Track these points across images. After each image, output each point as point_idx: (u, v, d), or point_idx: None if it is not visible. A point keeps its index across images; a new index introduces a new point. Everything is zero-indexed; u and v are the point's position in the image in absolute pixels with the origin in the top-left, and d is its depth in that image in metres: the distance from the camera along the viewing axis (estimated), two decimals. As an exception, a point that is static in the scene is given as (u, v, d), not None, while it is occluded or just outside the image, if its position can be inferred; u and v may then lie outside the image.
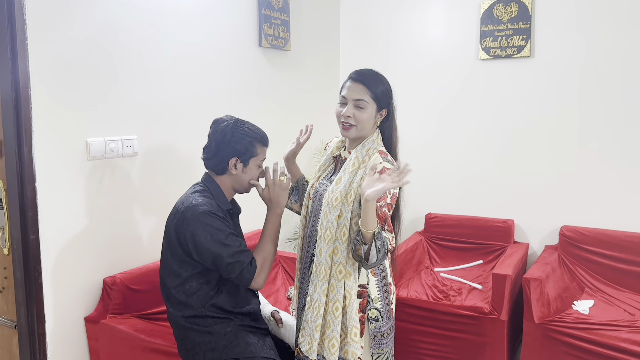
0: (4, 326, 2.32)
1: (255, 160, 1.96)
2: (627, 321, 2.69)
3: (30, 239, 2.12)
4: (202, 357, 1.89)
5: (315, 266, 1.87)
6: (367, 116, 1.85)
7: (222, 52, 2.96)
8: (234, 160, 1.93)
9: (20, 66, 2.03)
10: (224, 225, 1.85)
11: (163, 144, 2.64)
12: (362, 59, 3.99)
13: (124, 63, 2.41)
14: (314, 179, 2.02)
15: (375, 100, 1.86)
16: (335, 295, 1.82)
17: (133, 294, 2.38)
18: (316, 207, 1.94)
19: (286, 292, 3.08)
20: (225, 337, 1.89)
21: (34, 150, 2.10)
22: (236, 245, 1.85)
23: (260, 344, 1.94)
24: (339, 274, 1.82)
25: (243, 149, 1.92)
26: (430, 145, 3.82)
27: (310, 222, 1.96)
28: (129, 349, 2.22)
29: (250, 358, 1.87)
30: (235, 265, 1.83)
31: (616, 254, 3.13)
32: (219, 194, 1.95)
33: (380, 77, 1.90)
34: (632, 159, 3.22)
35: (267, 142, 2.00)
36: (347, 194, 1.82)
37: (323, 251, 1.83)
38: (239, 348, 1.88)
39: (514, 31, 3.46)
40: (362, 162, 1.86)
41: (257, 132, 1.97)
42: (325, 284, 1.83)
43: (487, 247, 3.54)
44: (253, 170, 1.98)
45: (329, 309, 1.83)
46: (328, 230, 1.83)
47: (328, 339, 1.84)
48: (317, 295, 1.84)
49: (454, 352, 2.95)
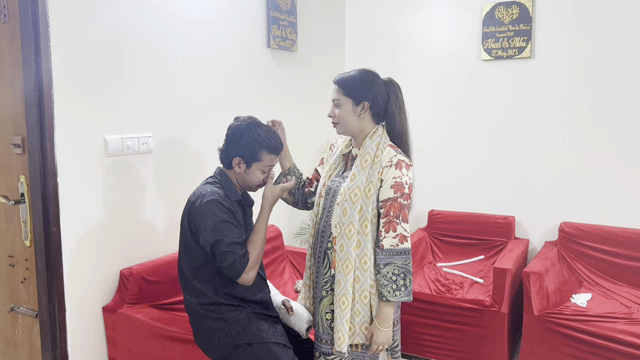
0: (26, 315, 2.41)
1: (258, 165, 2.02)
2: (624, 313, 2.78)
3: (52, 232, 2.22)
4: (216, 343, 1.98)
5: (337, 262, 1.93)
6: (343, 111, 1.99)
7: (232, 52, 3.05)
8: (238, 160, 2.01)
9: (43, 66, 2.12)
10: (226, 215, 1.92)
11: (176, 142, 2.74)
12: (367, 60, 4.09)
13: (139, 63, 2.51)
14: (324, 177, 2.10)
15: (348, 95, 1.98)
16: (362, 285, 1.92)
17: (148, 285, 2.48)
18: (329, 204, 2.01)
19: (294, 285, 3.17)
20: (239, 324, 1.98)
21: (56, 146, 2.19)
22: (234, 236, 1.91)
23: (271, 330, 2.02)
24: (364, 265, 1.92)
25: (248, 152, 2.00)
26: (432, 144, 3.91)
27: (322, 219, 2.03)
28: (145, 337, 2.31)
29: (262, 343, 1.95)
30: (228, 254, 1.89)
31: (614, 250, 3.23)
32: (229, 185, 2.04)
33: (358, 76, 2.00)
34: (630, 158, 3.31)
35: (276, 150, 2.03)
36: (365, 188, 1.92)
37: (345, 246, 1.92)
38: (251, 334, 1.97)
39: (515, 33, 3.55)
40: (375, 156, 1.95)
41: (265, 140, 2.00)
42: (351, 277, 1.91)
43: (488, 242, 3.63)
44: (256, 174, 2.03)
45: (357, 298, 1.93)
46: (350, 225, 1.91)
47: (359, 325, 1.95)
48: (343, 290, 1.91)
49: (456, 343, 3.04)
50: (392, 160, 1.90)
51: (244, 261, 1.91)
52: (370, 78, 2.01)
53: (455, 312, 3.01)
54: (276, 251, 3.23)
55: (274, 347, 1.95)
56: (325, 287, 2.00)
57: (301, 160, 3.75)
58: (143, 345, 2.33)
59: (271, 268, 3.14)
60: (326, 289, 2.00)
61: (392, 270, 1.87)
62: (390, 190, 1.89)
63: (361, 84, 1.98)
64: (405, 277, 1.88)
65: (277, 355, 1.93)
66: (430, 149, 3.91)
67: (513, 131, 3.65)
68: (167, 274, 2.53)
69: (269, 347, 1.95)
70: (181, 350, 2.19)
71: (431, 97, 3.90)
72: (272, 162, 2.05)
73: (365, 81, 1.99)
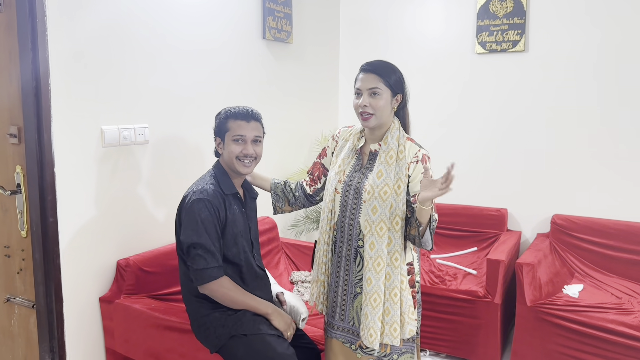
0: (22, 306, 2.41)
1: (229, 135, 2.00)
2: (614, 304, 2.83)
3: (50, 222, 2.21)
4: (212, 333, 2.00)
5: (367, 260, 1.93)
6: (383, 102, 1.93)
7: (227, 43, 3.05)
8: (218, 140, 2.05)
9: (40, 56, 2.11)
10: (209, 217, 1.91)
11: (172, 133, 2.74)
12: (361, 52, 4.10)
13: (136, 53, 2.50)
14: (338, 172, 2.04)
15: (388, 86, 1.94)
16: (392, 282, 1.93)
17: (145, 276, 2.48)
18: (352, 201, 1.97)
19: (289, 277, 3.19)
20: (235, 315, 2.00)
21: (53, 136, 2.18)
22: (208, 242, 1.90)
23: (267, 322, 2.03)
24: (395, 262, 1.93)
25: (218, 128, 2.04)
26: (425, 136, 3.90)
27: (346, 217, 1.99)
28: (142, 327, 2.32)
29: (256, 334, 1.97)
30: (199, 259, 1.90)
31: (605, 241, 3.27)
32: (224, 178, 2.03)
33: (391, 65, 1.99)
34: (622, 151, 3.35)
35: (240, 115, 2.00)
36: (394, 185, 1.92)
37: (376, 244, 1.91)
38: (247, 325, 1.98)
39: (509, 26, 3.57)
40: (398, 152, 1.95)
41: (232, 109, 2.02)
42: (383, 275, 1.92)
43: (481, 234, 3.67)
44: (231, 146, 2.00)
45: (388, 296, 1.93)
46: (382, 222, 1.91)
47: (389, 325, 1.94)
48: (375, 288, 1.91)
49: (450, 334, 3.08)
50: (417, 156, 1.94)
51: (216, 274, 1.93)
52: (400, 71, 1.99)
53: (449, 302, 3.04)
54: (272, 243, 3.24)
55: (269, 337, 1.97)
56: (359, 284, 1.99)
57: (296, 153, 3.77)
58: (141, 335, 2.34)
59: (267, 260, 3.16)
60: (360, 285, 1.99)
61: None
62: (419, 185, 1.88)
63: (397, 75, 1.97)
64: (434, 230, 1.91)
65: (271, 345, 1.94)
66: (422, 142, 3.91)
67: (506, 124, 3.68)
68: (164, 265, 2.53)
69: (263, 338, 1.96)
70: (179, 340, 2.20)
71: (424, 91, 3.92)
72: (240, 129, 1.99)
73: (399, 72, 1.98)
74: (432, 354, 3.17)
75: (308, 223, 3.65)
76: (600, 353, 2.68)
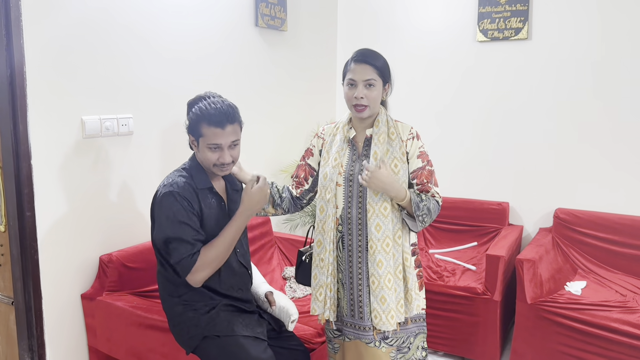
0: (1, 302, 2.34)
1: (203, 141, 1.82)
2: (619, 302, 2.72)
3: (27, 216, 2.13)
4: (186, 333, 1.91)
5: (375, 243, 1.92)
6: (377, 94, 1.94)
7: (217, 31, 2.94)
8: (191, 139, 1.89)
9: (15, 43, 2.02)
10: (182, 210, 1.79)
11: (158, 123, 2.64)
12: (360, 40, 3.98)
13: (120, 41, 2.40)
14: (335, 166, 2.00)
15: (381, 76, 1.95)
16: (397, 260, 1.96)
17: (129, 272, 2.40)
18: (357, 190, 1.96)
19: (282, 272, 3.10)
20: (209, 315, 1.91)
21: (29, 127, 2.09)
22: (185, 233, 1.79)
23: (244, 322, 1.94)
24: (398, 239, 1.96)
25: (191, 126, 1.86)
26: (424, 127, 3.80)
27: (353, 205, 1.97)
28: (125, 325, 2.24)
29: (230, 336, 1.88)
30: (173, 252, 1.79)
31: (609, 237, 3.16)
32: (198, 171, 1.90)
33: (378, 53, 1.98)
34: (625, 144, 3.23)
35: (216, 122, 1.80)
36: (391, 164, 1.95)
37: (382, 225, 1.93)
38: (220, 326, 1.89)
39: (511, 13, 3.44)
40: (389, 133, 1.99)
41: (205, 111, 1.81)
42: (391, 255, 1.94)
43: (481, 229, 3.56)
44: (206, 153, 1.84)
45: (394, 273, 1.96)
46: (385, 202, 1.93)
47: (396, 302, 1.97)
48: (387, 269, 1.93)
49: (448, 331, 2.99)
50: (412, 133, 2.00)
51: (190, 261, 1.79)
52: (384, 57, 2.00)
53: (447, 299, 2.95)
54: (264, 237, 3.15)
55: (243, 339, 1.87)
56: None
57: (291, 144, 3.67)
58: (122, 333, 2.26)
59: (259, 254, 3.07)
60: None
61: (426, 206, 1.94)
62: (418, 160, 1.98)
63: (387, 64, 1.99)
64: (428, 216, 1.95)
65: (244, 347, 1.85)
66: (422, 133, 3.81)
67: (508, 115, 3.56)
68: (148, 261, 2.44)
69: (237, 340, 1.87)
70: (161, 339, 2.12)
71: (424, 79, 3.80)
72: (216, 137, 1.80)
73: (386, 61, 1.99)
74: (429, 352, 3.08)
75: (304, 216, 3.55)
76: (604, 353, 2.58)
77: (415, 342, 2.07)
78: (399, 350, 2.05)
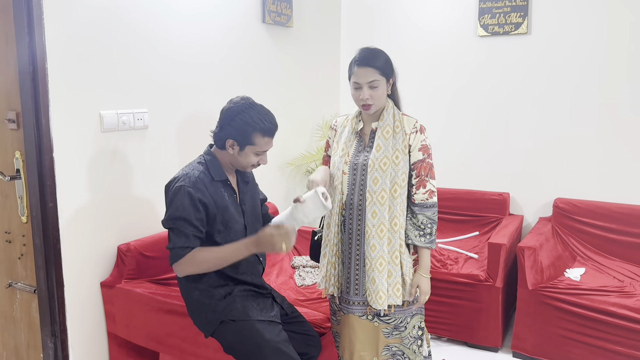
0: (24, 291, 2.42)
1: (252, 148, 1.97)
2: (616, 287, 2.82)
3: (49, 207, 2.21)
4: (204, 317, 2.01)
5: (370, 228, 2.04)
6: (381, 92, 2.05)
7: (226, 27, 3.02)
8: (231, 142, 1.97)
9: (37, 39, 2.10)
10: (188, 206, 1.90)
11: (171, 118, 2.72)
12: (363, 36, 4.06)
13: (134, 37, 2.48)
14: (342, 155, 2.11)
15: (384, 75, 2.04)
16: (393, 246, 2.06)
17: (146, 261, 2.48)
18: (360, 178, 2.07)
19: (290, 262, 3.18)
20: (225, 300, 2.01)
21: (51, 121, 2.17)
22: (185, 227, 1.89)
23: (259, 307, 2.04)
24: (394, 226, 2.06)
25: (241, 136, 1.95)
26: (426, 120, 3.87)
27: (355, 193, 2.08)
28: (144, 312, 2.33)
29: (245, 320, 1.97)
30: (171, 239, 1.92)
31: (607, 225, 3.26)
32: (215, 166, 2.01)
33: (378, 51, 2.07)
34: (624, 135, 3.32)
35: (269, 133, 1.98)
36: (392, 155, 2.05)
37: (378, 212, 2.03)
38: (235, 311, 1.99)
39: (511, 8, 3.53)
40: (394, 127, 2.08)
41: (258, 123, 1.94)
42: (386, 240, 2.04)
43: (483, 219, 3.65)
44: (249, 157, 1.99)
45: (390, 259, 2.06)
46: (382, 192, 2.03)
47: (392, 286, 2.07)
48: (379, 253, 2.04)
49: (451, 317, 3.08)
50: (416, 127, 2.09)
51: (180, 254, 1.90)
52: (385, 53, 2.08)
53: (450, 286, 3.04)
54: (273, 228, 3.23)
55: (258, 324, 1.97)
56: None
57: (297, 138, 3.75)
58: (141, 319, 2.35)
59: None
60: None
61: (422, 219, 2.07)
62: (419, 153, 2.07)
63: (387, 60, 2.06)
64: (431, 227, 2.08)
65: (259, 331, 1.95)
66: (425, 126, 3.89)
67: (508, 108, 3.64)
68: (164, 250, 2.48)
69: (252, 324, 1.97)
70: (180, 324, 2.21)
71: (426, 74, 3.88)
72: (266, 145, 1.99)
73: (387, 56, 2.07)
74: (433, 338, 3.18)
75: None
76: (602, 336, 2.68)
77: (412, 321, 2.17)
78: (395, 327, 2.15)
